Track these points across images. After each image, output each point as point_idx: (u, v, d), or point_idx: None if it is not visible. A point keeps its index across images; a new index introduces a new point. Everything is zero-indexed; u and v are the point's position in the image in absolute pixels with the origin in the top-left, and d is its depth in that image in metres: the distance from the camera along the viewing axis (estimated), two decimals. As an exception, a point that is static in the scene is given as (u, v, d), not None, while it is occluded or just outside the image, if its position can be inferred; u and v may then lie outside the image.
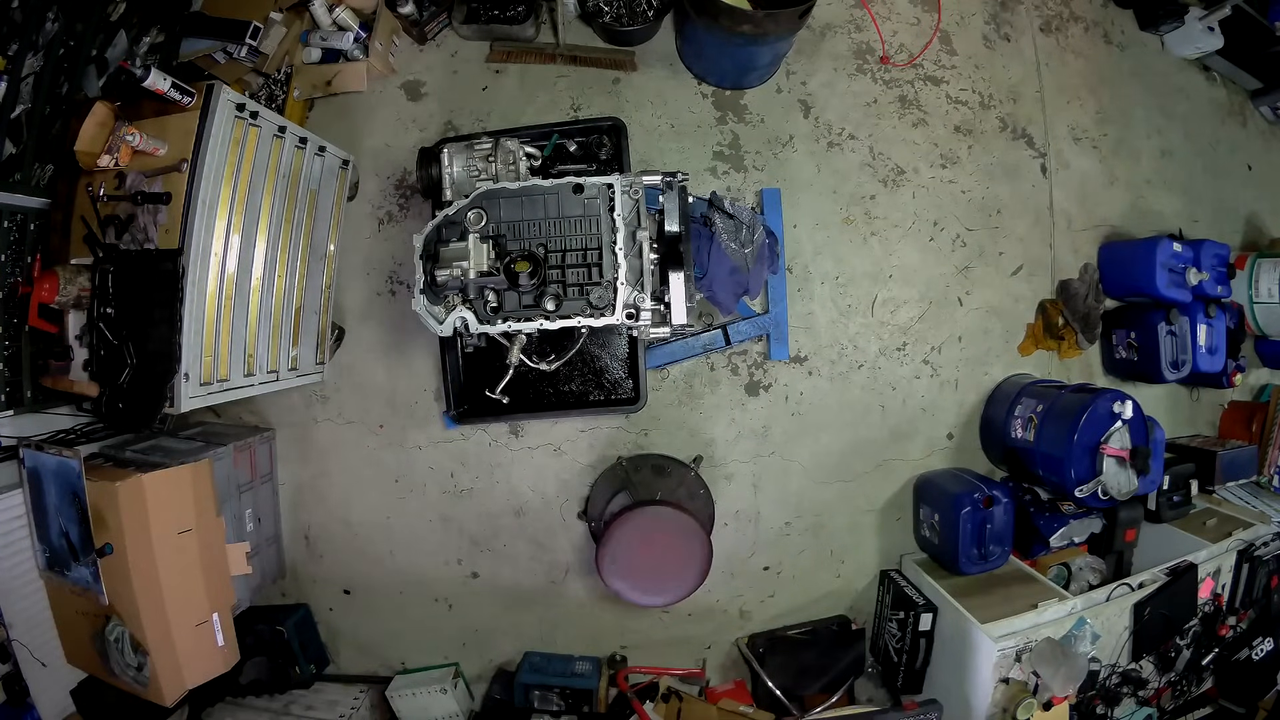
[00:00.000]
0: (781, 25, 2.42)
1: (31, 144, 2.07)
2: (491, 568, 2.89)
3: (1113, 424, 2.44)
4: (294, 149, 2.29)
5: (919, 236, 2.90)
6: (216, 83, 1.98)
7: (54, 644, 2.17)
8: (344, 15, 2.69)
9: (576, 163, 2.58)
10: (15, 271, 2.04)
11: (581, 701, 2.70)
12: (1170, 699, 2.71)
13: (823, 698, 2.69)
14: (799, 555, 2.90)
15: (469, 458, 2.84)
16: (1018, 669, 2.30)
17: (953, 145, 2.95)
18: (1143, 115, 3.27)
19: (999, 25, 3.08)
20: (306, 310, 2.45)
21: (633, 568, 2.23)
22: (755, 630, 2.89)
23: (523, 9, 2.76)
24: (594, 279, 1.82)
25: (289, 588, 2.96)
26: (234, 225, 2.04)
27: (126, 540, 1.96)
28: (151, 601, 1.98)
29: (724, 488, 2.82)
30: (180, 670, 2.03)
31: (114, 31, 2.33)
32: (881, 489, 2.91)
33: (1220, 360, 2.94)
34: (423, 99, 2.89)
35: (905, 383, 2.89)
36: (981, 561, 2.60)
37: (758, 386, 2.83)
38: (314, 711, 2.69)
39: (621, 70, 2.85)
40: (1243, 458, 2.98)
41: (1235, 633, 2.75)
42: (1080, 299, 2.96)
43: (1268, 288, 3.05)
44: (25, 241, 2.07)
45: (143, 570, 1.97)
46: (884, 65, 2.95)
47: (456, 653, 2.94)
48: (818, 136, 2.89)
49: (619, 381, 2.69)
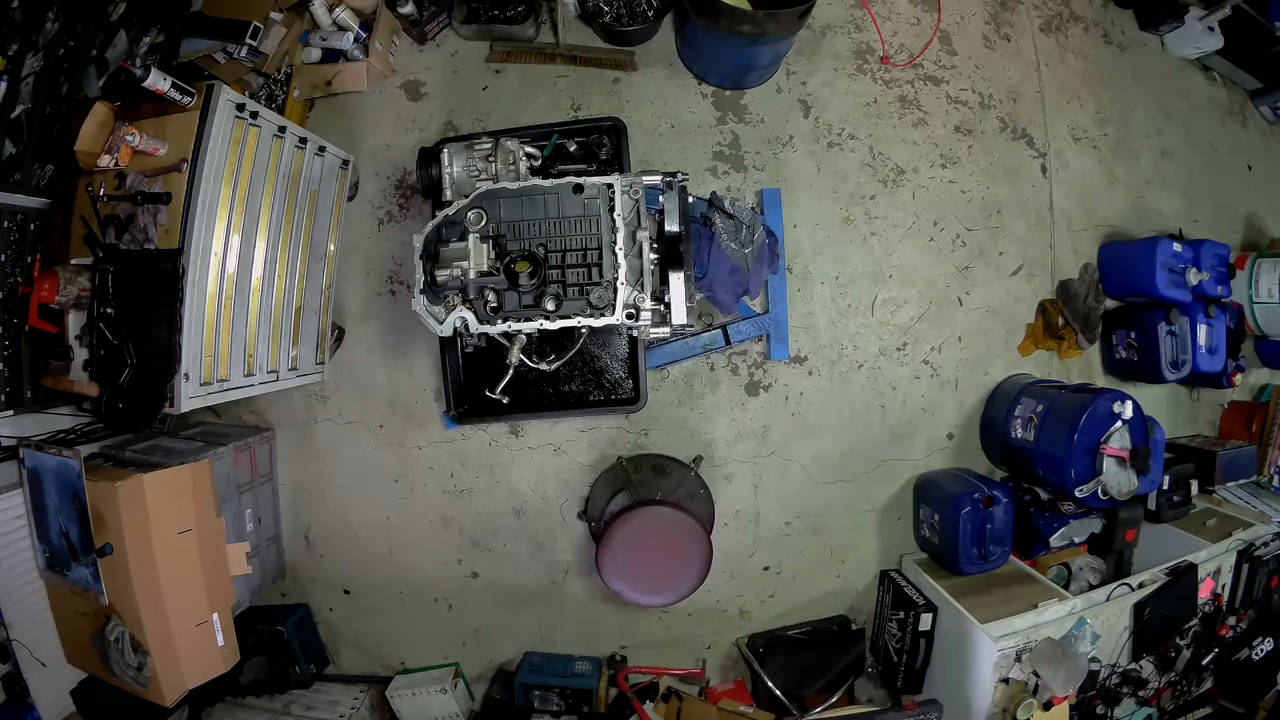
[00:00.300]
0: (781, 25, 2.42)
1: (31, 144, 2.07)
2: (491, 568, 2.89)
3: (1113, 424, 2.44)
4: (294, 149, 2.29)
5: (919, 236, 2.90)
6: (216, 83, 1.98)
7: (54, 644, 2.17)
8: (344, 15, 2.69)
9: (576, 163, 2.58)
10: (15, 271, 2.04)
11: (581, 701, 2.70)
12: (1170, 699, 2.71)
13: (823, 698, 2.69)
14: (799, 555, 2.90)
15: (469, 458, 2.84)
16: (1018, 669, 2.30)
17: (953, 145, 2.95)
18: (1143, 115, 3.27)
19: (999, 25, 3.08)
20: (306, 310, 2.45)
21: (633, 568, 2.23)
22: (755, 630, 2.89)
23: (523, 9, 2.76)
24: (594, 279, 1.82)
25: (289, 588, 2.96)
26: (234, 225, 2.04)
27: (126, 540, 1.96)
28: (151, 602, 1.98)
29: (724, 488, 2.82)
30: (180, 670, 2.03)
31: (114, 31, 2.33)
32: (881, 489, 2.91)
33: (1220, 360, 2.94)
34: (423, 99, 2.89)
35: (905, 383, 2.89)
36: (981, 561, 2.60)
37: (758, 386, 2.83)
38: (314, 711, 2.70)
39: (621, 70, 2.85)
40: (1243, 458, 2.98)
41: (1235, 633, 2.75)
42: (1080, 299, 2.96)
43: (1268, 288, 3.05)
44: (25, 241, 2.07)
45: (143, 570, 1.97)
46: (884, 65, 2.95)
47: (456, 653, 2.94)
48: (818, 136, 2.89)
49: (619, 381, 2.69)
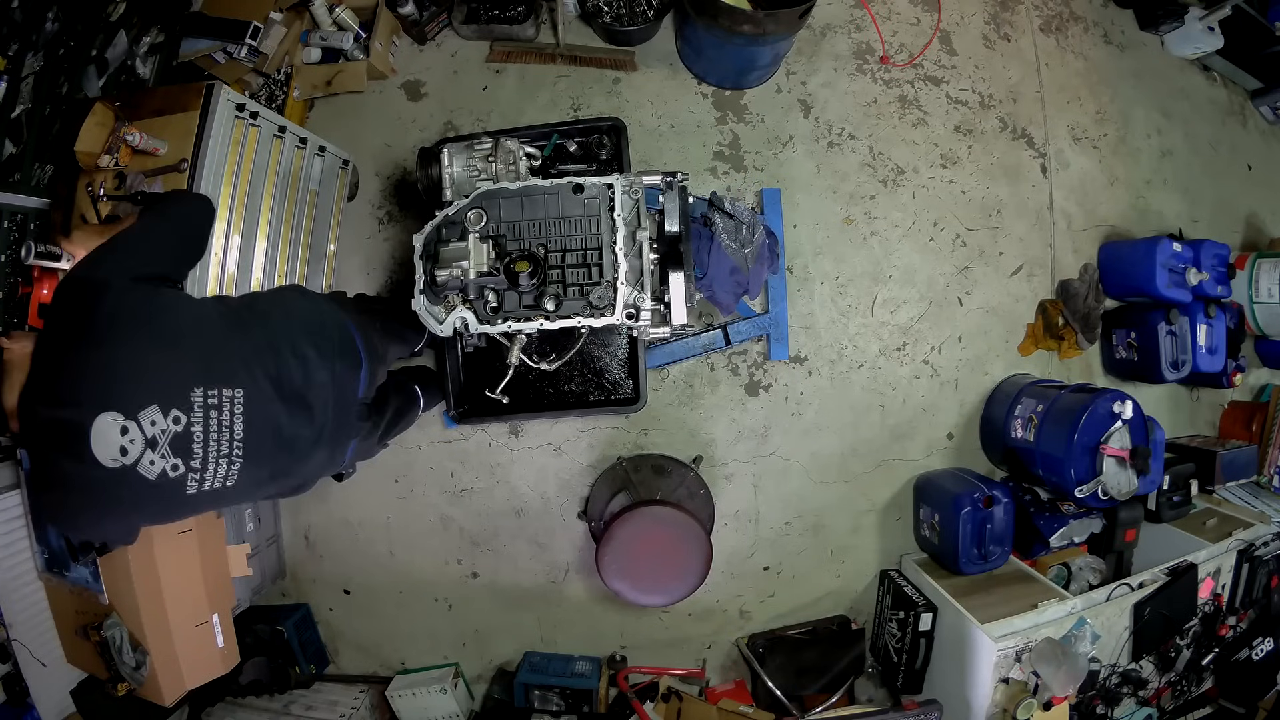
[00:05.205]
0: (781, 25, 2.42)
1: (31, 144, 2.07)
2: (491, 568, 2.89)
3: (1113, 424, 2.44)
4: (294, 149, 2.29)
5: (919, 236, 2.90)
6: (216, 83, 1.97)
7: (54, 644, 2.17)
8: (344, 15, 2.70)
9: (576, 163, 2.57)
10: (15, 271, 2.04)
11: (581, 701, 2.70)
12: (1170, 699, 2.71)
13: (823, 698, 2.69)
14: (799, 555, 2.90)
15: (469, 458, 2.84)
16: (1018, 669, 2.30)
17: (953, 145, 2.95)
18: (1143, 115, 3.27)
19: (999, 25, 3.08)
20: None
21: (633, 568, 2.23)
22: (755, 630, 2.89)
23: (523, 9, 2.76)
24: (594, 279, 1.82)
25: (289, 588, 2.96)
26: (234, 225, 2.04)
27: (126, 540, 1.96)
28: (152, 602, 1.98)
29: (724, 488, 2.83)
30: (180, 671, 2.03)
31: (114, 31, 2.33)
32: (881, 489, 2.91)
33: (1220, 360, 2.94)
34: (423, 99, 2.89)
35: (905, 383, 2.89)
36: (981, 561, 2.60)
37: (758, 386, 2.83)
38: (314, 711, 2.69)
39: (621, 70, 2.85)
40: (1243, 458, 2.98)
41: (1235, 633, 2.75)
42: (1080, 299, 2.96)
43: (1268, 288, 3.05)
44: (25, 242, 2.07)
45: (143, 571, 1.96)
46: (884, 65, 2.95)
47: (456, 653, 2.94)
48: (818, 136, 2.89)
49: (619, 381, 2.69)
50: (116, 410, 1.16)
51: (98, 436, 1.15)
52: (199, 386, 1.24)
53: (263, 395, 1.34)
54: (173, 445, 1.21)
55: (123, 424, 1.16)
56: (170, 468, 1.22)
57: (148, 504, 1.25)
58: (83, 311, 1.20)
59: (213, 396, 1.25)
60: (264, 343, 1.38)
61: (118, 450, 1.16)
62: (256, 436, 1.33)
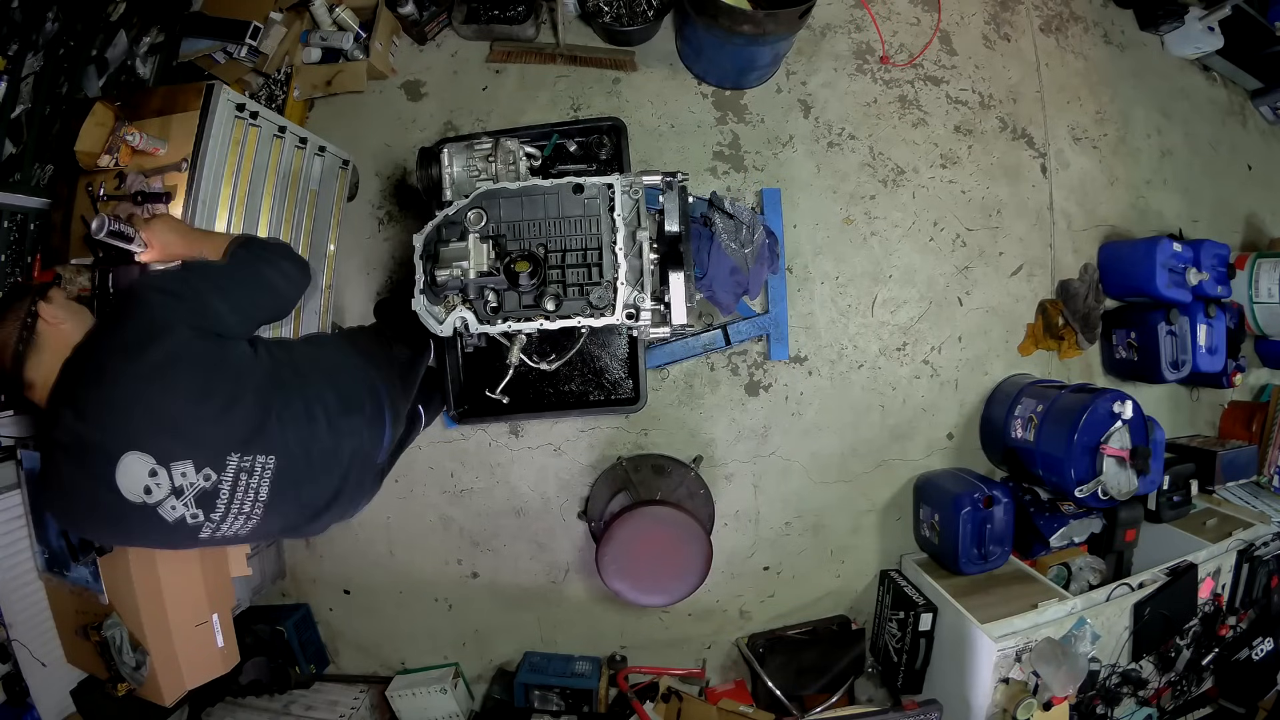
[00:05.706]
0: (781, 25, 2.42)
1: (31, 144, 2.07)
2: (491, 568, 2.89)
3: (1113, 424, 2.44)
4: (294, 149, 2.29)
5: (919, 236, 2.90)
6: (216, 83, 1.97)
7: (54, 644, 2.17)
8: (344, 15, 2.70)
9: (576, 163, 2.57)
10: (15, 271, 2.04)
11: (581, 701, 2.70)
12: (1170, 699, 2.71)
13: (823, 698, 2.69)
14: (799, 555, 2.90)
15: (469, 458, 2.84)
16: (1018, 669, 2.30)
17: (953, 145, 2.95)
18: (1143, 115, 3.27)
19: (999, 25, 3.08)
20: (306, 310, 2.45)
21: (633, 568, 2.23)
22: (755, 630, 2.89)
23: (523, 9, 2.76)
24: (594, 279, 1.82)
25: (289, 588, 2.96)
26: (234, 225, 2.04)
27: (126, 540, 1.95)
28: (152, 602, 1.98)
29: (724, 488, 2.83)
30: (180, 671, 2.03)
31: (114, 31, 2.33)
32: (881, 489, 2.91)
33: (1220, 360, 2.94)
34: (423, 99, 2.89)
35: (905, 383, 2.89)
36: (981, 561, 2.60)
37: (758, 386, 2.83)
38: (314, 711, 2.70)
39: (621, 70, 2.85)
40: (1243, 458, 2.98)
41: (1235, 633, 2.75)
42: (1080, 299, 2.96)
43: (1268, 288, 3.05)
44: (25, 241, 2.07)
45: (143, 571, 1.96)
46: (884, 65, 2.95)
47: (456, 653, 2.94)
48: (818, 136, 2.89)
49: (619, 381, 2.68)
50: (150, 454, 1.14)
51: (124, 470, 1.13)
52: (236, 452, 1.23)
53: (293, 463, 1.34)
54: (198, 498, 1.21)
55: (153, 468, 1.15)
56: (190, 515, 1.22)
57: (156, 536, 1.25)
58: (146, 337, 1.16)
59: (246, 460, 1.25)
60: (301, 409, 1.36)
61: (142, 489, 1.15)
62: (279, 499, 1.33)
